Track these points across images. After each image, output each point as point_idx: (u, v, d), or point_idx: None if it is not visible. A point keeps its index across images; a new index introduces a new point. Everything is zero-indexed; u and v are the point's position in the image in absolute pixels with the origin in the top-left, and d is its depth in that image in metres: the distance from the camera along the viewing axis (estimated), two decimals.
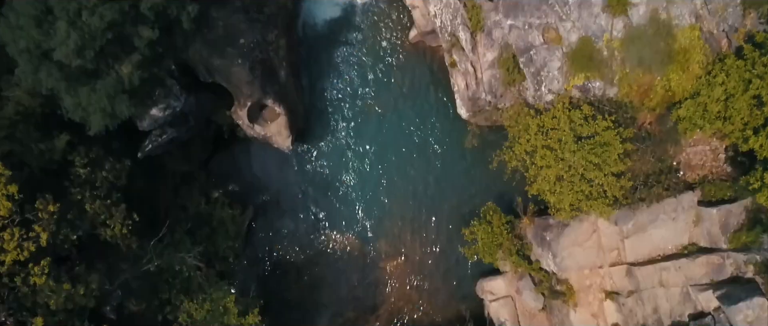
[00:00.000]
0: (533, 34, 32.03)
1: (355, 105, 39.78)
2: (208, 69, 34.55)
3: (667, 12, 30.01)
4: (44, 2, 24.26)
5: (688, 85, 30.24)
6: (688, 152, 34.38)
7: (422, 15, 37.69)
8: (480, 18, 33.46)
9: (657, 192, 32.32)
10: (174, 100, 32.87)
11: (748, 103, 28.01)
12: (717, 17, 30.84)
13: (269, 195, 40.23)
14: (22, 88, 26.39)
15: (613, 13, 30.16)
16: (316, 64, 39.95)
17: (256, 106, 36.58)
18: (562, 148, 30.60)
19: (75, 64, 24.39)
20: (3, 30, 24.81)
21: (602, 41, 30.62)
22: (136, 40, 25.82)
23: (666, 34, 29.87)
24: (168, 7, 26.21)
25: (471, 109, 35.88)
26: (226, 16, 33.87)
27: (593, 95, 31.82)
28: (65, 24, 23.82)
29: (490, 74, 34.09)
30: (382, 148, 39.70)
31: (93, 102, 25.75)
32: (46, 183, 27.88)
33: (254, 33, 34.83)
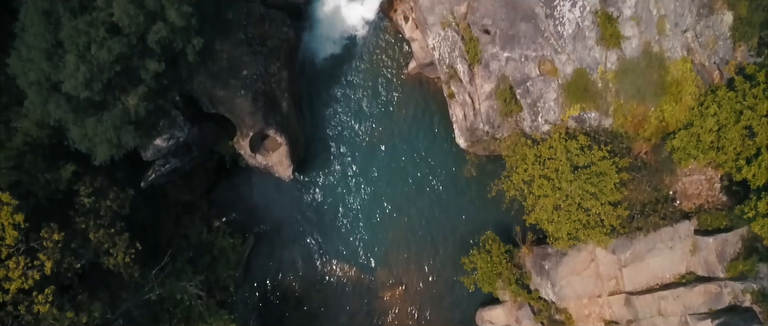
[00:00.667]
0: (529, 66, 32.82)
1: (355, 135, 40.40)
2: (211, 100, 35.24)
3: (660, 45, 30.86)
4: (54, 36, 24.95)
5: (682, 116, 30.91)
6: (683, 181, 34.87)
7: (421, 47, 38.60)
8: (477, 50, 34.31)
9: (654, 221, 32.71)
10: (178, 130, 33.46)
11: (740, 133, 28.62)
12: (708, 50, 31.69)
13: (270, 224, 40.53)
14: (31, 119, 26.97)
15: (606, 46, 30.99)
16: (317, 95, 40.70)
17: (258, 136, 37.19)
18: (559, 178, 31.09)
19: (83, 95, 24.97)
20: (14, 63, 25.48)
21: (597, 73, 31.38)
22: (143, 72, 26.44)
23: (659, 66, 30.68)
24: (174, 40, 26.88)
25: (469, 139, 36.50)
26: (229, 48, 34.70)
27: (589, 125, 32.45)
28: (74, 57, 24.48)
29: (488, 105, 34.78)
30: (382, 178, 40.17)
31: (99, 132, 26.27)
32: (52, 213, 28.28)
33: (257, 65, 35.62)
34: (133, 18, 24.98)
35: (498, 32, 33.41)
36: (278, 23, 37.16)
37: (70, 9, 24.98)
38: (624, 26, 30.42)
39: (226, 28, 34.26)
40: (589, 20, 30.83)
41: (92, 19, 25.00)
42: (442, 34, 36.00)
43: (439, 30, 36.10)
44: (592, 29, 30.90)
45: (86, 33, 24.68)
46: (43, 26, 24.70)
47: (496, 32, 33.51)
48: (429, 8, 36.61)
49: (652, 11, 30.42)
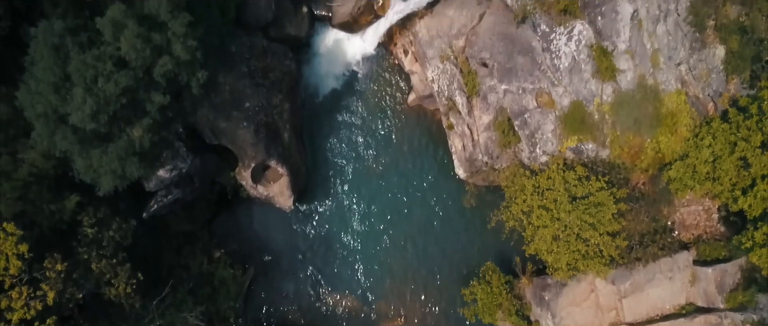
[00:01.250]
0: (527, 98, 33.42)
1: (355, 166, 40.80)
2: (214, 131, 35.75)
3: (654, 78, 31.51)
4: (63, 69, 25.54)
5: (677, 147, 31.38)
6: (681, 212, 35.17)
7: (420, 80, 39.31)
8: (476, 83, 34.98)
9: (652, 251, 32.90)
10: (181, 161, 33.87)
11: (735, 164, 29.04)
12: (702, 82, 32.34)
13: (270, 255, 40.60)
14: (37, 151, 27.39)
15: (602, 79, 31.64)
16: (318, 126, 41.24)
17: (260, 167, 37.58)
18: (558, 208, 31.39)
19: (89, 127, 25.46)
20: (22, 95, 26.03)
21: (593, 105, 31.96)
22: (148, 104, 26.98)
23: (654, 98, 31.28)
24: (179, 74, 27.49)
25: (468, 169, 36.92)
26: (232, 81, 35.35)
27: (586, 156, 32.89)
28: (82, 90, 25.03)
29: (487, 136, 35.29)
30: (382, 209, 40.42)
31: (104, 164, 26.67)
32: (55, 243, 28.48)
33: (259, 97, 36.23)
34: (140, 52, 25.63)
35: (496, 65, 34.13)
36: (280, 56, 37.91)
37: (78, 43, 25.65)
38: (619, 59, 31.10)
39: (230, 62, 35.01)
40: (584, 54, 31.53)
41: (100, 53, 25.66)
42: (441, 67, 36.76)
43: (438, 63, 36.89)
44: (588, 62, 31.58)
45: (94, 66, 25.30)
46: (52, 60, 25.31)
47: (493, 65, 34.24)
48: (428, 42, 37.49)
49: (645, 45, 31.15)
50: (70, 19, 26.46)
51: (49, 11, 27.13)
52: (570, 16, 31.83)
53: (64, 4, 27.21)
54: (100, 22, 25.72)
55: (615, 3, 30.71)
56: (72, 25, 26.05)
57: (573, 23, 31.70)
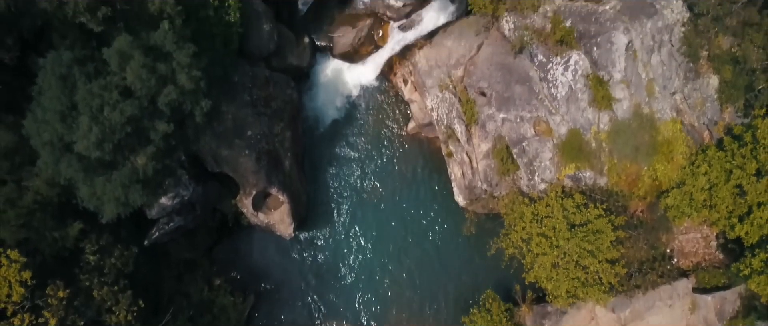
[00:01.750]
0: (525, 127, 33.92)
1: (355, 193, 41.11)
2: (216, 159, 36.16)
3: (650, 106, 32.06)
4: (69, 99, 26.03)
5: (674, 175, 31.75)
6: (680, 239, 35.38)
7: (420, 108, 39.88)
8: (474, 111, 35.53)
9: (652, 279, 33.02)
10: (183, 189, 34.20)
11: (731, 191, 29.38)
12: (697, 111, 32.89)
13: (270, 282, 40.63)
14: (42, 178, 27.70)
15: (599, 108, 32.17)
16: (319, 154, 41.67)
17: (261, 195, 37.88)
18: (557, 236, 31.61)
19: (94, 155, 25.83)
20: (29, 124, 26.46)
21: (590, 133, 32.44)
22: (152, 133, 27.41)
23: (650, 127, 31.78)
24: (183, 103, 28.00)
25: (468, 197, 37.22)
26: (235, 110, 35.90)
27: (584, 184, 33.24)
28: (88, 119, 25.49)
29: (485, 164, 35.69)
30: (382, 236, 40.60)
31: (108, 191, 26.97)
32: (57, 270, 28.64)
33: (261, 125, 36.74)
34: (146, 81, 26.17)
35: (494, 94, 34.71)
36: (282, 86, 38.55)
37: (85, 73, 26.20)
38: (615, 89, 31.68)
39: (232, 91, 35.61)
40: (581, 83, 32.13)
41: (106, 82, 26.20)
42: (440, 96, 37.36)
43: (437, 92, 37.50)
44: (585, 92, 32.15)
45: (100, 96, 25.79)
46: (60, 89, 25.81)
47: (492, 94, 34.82)
48: (427, 72, 38.17)
49: (640, 75, 31.78)
50: (78, 49, 27.07)
51: (58, 42, 27.76)
52: (566, 47, 32.52)
53: (72, 35, 27.88)
54: (106, 52, 26.31)
55: (610, 34, 31.42)
56: (79, 56, 26.62)
57: (569, 53, 32.37)
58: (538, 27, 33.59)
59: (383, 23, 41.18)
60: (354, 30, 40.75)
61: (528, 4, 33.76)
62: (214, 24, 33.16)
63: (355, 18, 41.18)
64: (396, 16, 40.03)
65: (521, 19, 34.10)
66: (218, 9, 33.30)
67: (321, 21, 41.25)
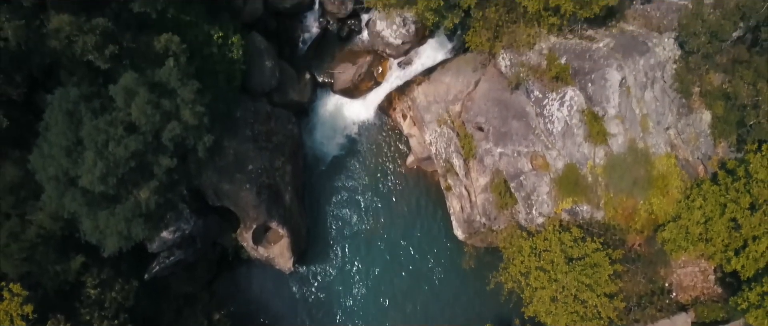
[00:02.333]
0: (522, 161, 34.41)
1: (355, 227, 41.35)
2: (217, 193, 36.55)
3: (644, 141, 32.62)
4: (75, 134, 26.63)
5: (670, 209, 32.10)
6: (678, 273, 35.51)
7: (418, 143, 40.46)
8: (472, 146, 36.08)
9: (651, 313, 33.07)
10: (184, 223, 34.53)
11: (726, 225, 29.70)
12: (690, 146, 33.44)
13: (270, 317, 40.54)
14: (45, 212, 28.09)
15: (594, 143, 32.72)
16: (319, 188, 42.05)
17: (261, 229, 38.15)
18: (555, 269, 31.79)
19: (98, 190, 26.29)
20: (35, 159, 27.00)
21: (586, 168, 32.91)
22: (156, 167, 27.93)
23: (645, 161, 32.28)
24: (186, 138, 28.59)
25: (467, 230, 37.49)
26: (237, 144, 36.48)
27: (582, 218, 33.56)
28: (93, 154, 26.03)
29: (484, 198, 36.07)
30: (382, 270, 40.68)
31: (111, 225, 27.34)
32: (58, 304, 28.76)
33: (262, 160, 37.26)
34: (150, 117, 26.80)
35: (491, 129, 35.32)
36: (284, 121, 39.22)
37: (92, 109, 26.86)
38: (609, 124, 32.29)
39: (235, 126, 36.26)
40: (576, 119, 32.75)
41: (112, 118, 26.84)
42: (439, 130, 37.97)
43: (436, 127, 38.13)
44: (580, 127, 32.76)
45: (105, 131, 26.40)
46: (66, 125, 26.43)
47: (489, 129, 35.43)
48: (425, 107, 38.88)
49: (634, 110, 32.43)
50: (85, 86, 27.82)
51: (66, 79, 28.50)
52: (562, 83, 33.25)
53: (79, 72, 28.64)
54: (113, 89, 27.03)
55: (604, 71, 32.19)
56: (86, 92, 27.35)
57: (565, 90, 33.08)
58: (533, 64, 34.38)
59: (383, 60, 42.15)
60: (354, 66, 41.67)
61: (524, 42, 34.62)
62: (218, 61, 34.05)
63: (355, 55, 42.17)
64: (395, 53, 40.98)
65: (517, 57, 34.93)
66: (222, 46, 34.21)
67: (322, 58, 42.24)
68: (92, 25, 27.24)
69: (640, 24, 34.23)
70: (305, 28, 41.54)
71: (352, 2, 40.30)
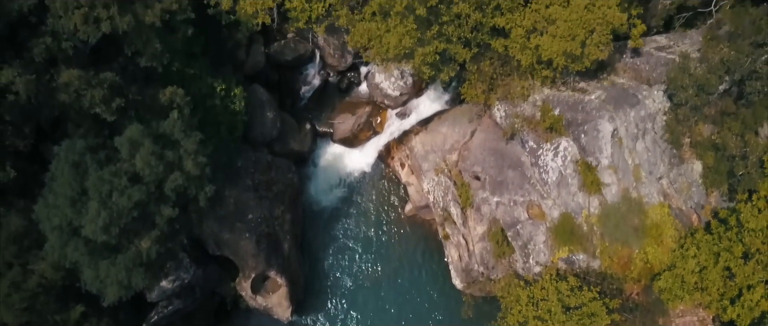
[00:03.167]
0: (518, 210, 34.91)
1: (354, 276, 41.45)
2: (217, 242, 36.88)
3: (637, 191, 33.21)
4: (80, 184, 27.16)
5: (665, 258, 32.42)
6: (677, 322, 35.44)
7: (416, 191, 41.04)
8: (469, 195, 36.64)
9: None
10: (184, 272, 34.73)
11: (720, 274, 29.98)
12: (683, 195, 34.01)
13: None
14: (48, 262, 28.37)
15: (588, 192, 33.30)
16: (319, 236, 42.34)
17: (260, 278, 38.28)
18: (552, 319, 31.85)
19: (101, 239, 26.63)
20: (40, 209, 27.46)
21: (581, 217, 33.40)
22: (158, 217, 28.34)
23: (638, 210, 32.79)
24: (188, 188, 29.10)
25: (465, 279, 37.64)
26: (237, 193, 37.04)
27: (578, 267, 33.82)
28: (97, 204, 26.49)
29: (481, 247, 36.38)
30: (380, 320, 40.51)
31: (111, 274, 27.56)
32: None
33: (262, 209, 37.75)
34: (154, 168, 27.40)
35: (488, 178, 35.97)
36: (284, 170, 39.89)
37: (97, 161, 27.50)
38: (603, 174, 32.95)
39: (236, 176, 36.91)
40: (570, 168, 33.44)
41: (116, 169, 27.44)
42: (436, 179, 38.62)
43: (433, 176, 38.81)
44: (574, 177, 33.41)
45: (110, 182, 26.94)
46: (72, 176, 26.99)
47: (485, 178, 36.08)
48: (423, 156, 39.66)
49: (627, 160, 33.16)
50: (91, 138, 28.55)
51: (73, 131, 29.27)
52: (555, 134, 34.09)
53: (86, 124, 29.44)
54: (118, 140, 27.72)
55: (596, 122, 33.07)
56: (92, 144, 28.03)
57: (558, 140, 33.89)
58: (528, 115, 35.32)
59: (381, 110, 43.23)
60: (353, 117, 42.68)
61: (518, 94, 35.66)
62: (220, 112, 34.98)
63: (355, 105, 43.26)
64: (393, 104, 42.08)
65: (512, 108, 35.91)
66: (224, 98, 35.23)
67: (322, 108, 43.31)
68: (100, 80, 28.21)
69: (630, 77, 35.34)
70: (306, 80, 42.79)
71: (352, 56, 41.63)
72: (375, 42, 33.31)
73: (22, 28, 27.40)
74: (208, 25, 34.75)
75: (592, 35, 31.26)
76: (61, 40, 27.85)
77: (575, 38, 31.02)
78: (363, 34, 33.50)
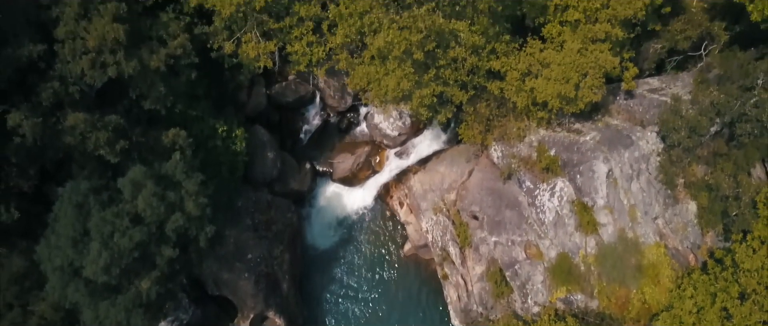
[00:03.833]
0: (516, 250, 35.13)
1: (352, 315, 41.34)
2: (216, 282, 36.98)
3: (634, 231, 33.52)
4: (83, 225, 27.54)
5: (662, 298, 32.50)
6: None
7: (415, 230, 41.30)
8: (467, 234, 36.89)
9: None
10: (182, 312, 34.78)
11: (718, 315, 30.02)
12: (679, 235, 34.29)
13: None
14: (48, 303, 28.49)
15: (585, 232, 33.60)
16: (317, 276, 42.43)
17: (258, 318, 38.22)
18: None
19: (101, 280, 26.85)
20: (42, 250, 27.78)
21: (578, 257, 33.61)
22: (158, 258, 28.63)
23: (635, 250, 33.03)
24: (189, 229, 29.47)
25: (464, 320, 37.58)
26: (237, 234, 37.33)
27: (576, 307, 33.84)
28: (99, 244, 26.82)
29: (480, 287, 36.46)
30: None
31: (111, 315, 27.69)
32: None
33: (262, 248, 37.97)
34: (155, 209, 27.81)
35: (486, 218, 36.30)
36: (283, 210, 40.26)
37: (99, 202, 27.94)
38: (599, 214, 33.31)
39: (236, 215, 37.29)
40: (567, 209, 33.82)
41: (118, 210, 27.84)
42: (435, 218, 38.94)
43: (432, 215, 39.14)
44: (571, 217, 33.76)
45: (112, 222, 27.33)
46: (74, 217, 27.40)
47: (483, 218, 36.40)
48: (422, 195, 40.07)
49: (622, 201, 33.56)
50: (95, 179, 29.03)
51: (77, 172, 29.79)
52: (551, 174, 34.58)
53: (90, 165, 29.98)
54: (121, 182, 28.20)
55: (591, 163, 33.61)
56: (96, 185, 28.51)
57: (554, 180, 34.37)
58: (524, 155, 35.88)
59: (380, 150, 43.88)
60: (353, 156, 43.28)
61: (514, 135, 36.30)
62: (222, 153, 35.58)
63: (354, 145, 43.93)
64: (392, 143, 42.74)
65: (508, 148, 36.50)
66: (226, 139, 35.87)
67: (322, 148, 43.97)
68: (105, 122, 28.85)
69: (624, 118, 36.04)
70: (307, 120, 43.57)
71: (352, 97, 42.49)
72: (374, 84, 34.08)
73: (31, 73, 28.15)
74: (211, 68, 35.64)
75: (585, 78, 32.08)
76: (69, 84, 28.57)
77: (569, 81, 31.80)
78: (362, 77, 34.30)
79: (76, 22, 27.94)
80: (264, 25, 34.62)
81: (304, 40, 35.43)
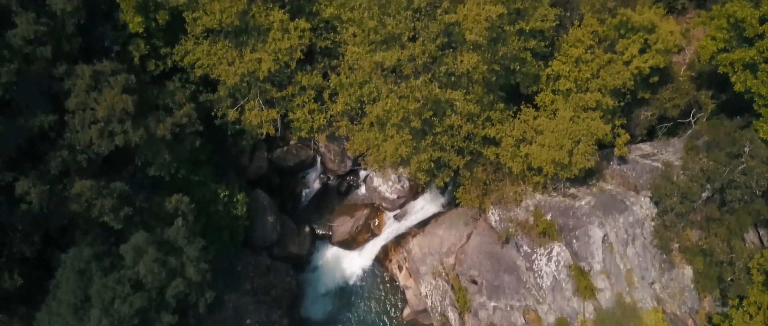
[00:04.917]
0: (515, 315, 35.12)
1: None
2: None
3: (631, 296, 33.64)
4: (84, 291, 27.71)
5: None
6: None
7: (414, 295, 41.27)
8: (466, 299, 36.93)
9: None
10: None
11: None
12: (677, 300, 34.40)
13: None
14: None
15: (583, 297, 33.71)
16: None
17: None
18: None
19: None
20: (42, 317, 27.84)
21: (577, 322, 33.59)
22: (158, 324, 28.66)
23: (633, 315, 33.04)
24: (189, 294, 29.61)
25: None
26: (236, 298, 37.33)
27: None
28: (99, 311, 26.93)
29: None
30: None
31: None
32: None
33: (260, 313, 37.87)
34: (156, 275, 28.06)
35: (484, 282, 36.45)
36: (282, 274, 40.37)
37: (101, 268, 28.23)
38: (596, 279, 33.52)
39: (236, 280, 37.39)
40: (564, 273, 34.06)
41: (120, 276, 28.10)
42: (434, 283, 39.05)
43: (431, 279, 39.27)
44: (568, 281, 33.96)
45: (113, 289, 27.54)
46: (76, 283, 27.63)
47: (482, 282, 36.55)
48: (421, 258, 40.31)
49: (619, 265, 33.85)
50: (98, 245, 29.40)
51: (80, 238, 30.19)
52: (548, 238, 35.00)
53: (93, 232, 30.41)
54: (123, 248, 28.56)
55: (587, 228, 34.09)
56: (98, 251, 28.85)
57: (551, 245, 34.76)
58: (521, 219, 36.39)
59: (379, 213, 44.35)
60: (352, 219, 43.74)
61: (511, 199, 36.93)
62: (223, 218, 36.05)
63: (354, 208, 44.45)
64: (391, 206, 43.28)
65: (506, 212, 37.04)
66: (227, 204, 36.41)
67: (322, 211, 44.47)
68: (110, 189, 29.44)
69: (617, 183, 36.78)
70: (307, 183, 44.25)
71: (351, 161, 43.33)
72: (373, 150, 34.94)
73: (41, 142, 28.98)
74: (215, 134, 36.53)
75: (578, 145, 32.97)
76: (77, 152, 29.34)
77: (562, 148, 32.68)
78: (362, 142, 35.20)
79: (86, 94, 28.96)
80: (267, 93, 35.77)
81: (306, 107, 36.49)
